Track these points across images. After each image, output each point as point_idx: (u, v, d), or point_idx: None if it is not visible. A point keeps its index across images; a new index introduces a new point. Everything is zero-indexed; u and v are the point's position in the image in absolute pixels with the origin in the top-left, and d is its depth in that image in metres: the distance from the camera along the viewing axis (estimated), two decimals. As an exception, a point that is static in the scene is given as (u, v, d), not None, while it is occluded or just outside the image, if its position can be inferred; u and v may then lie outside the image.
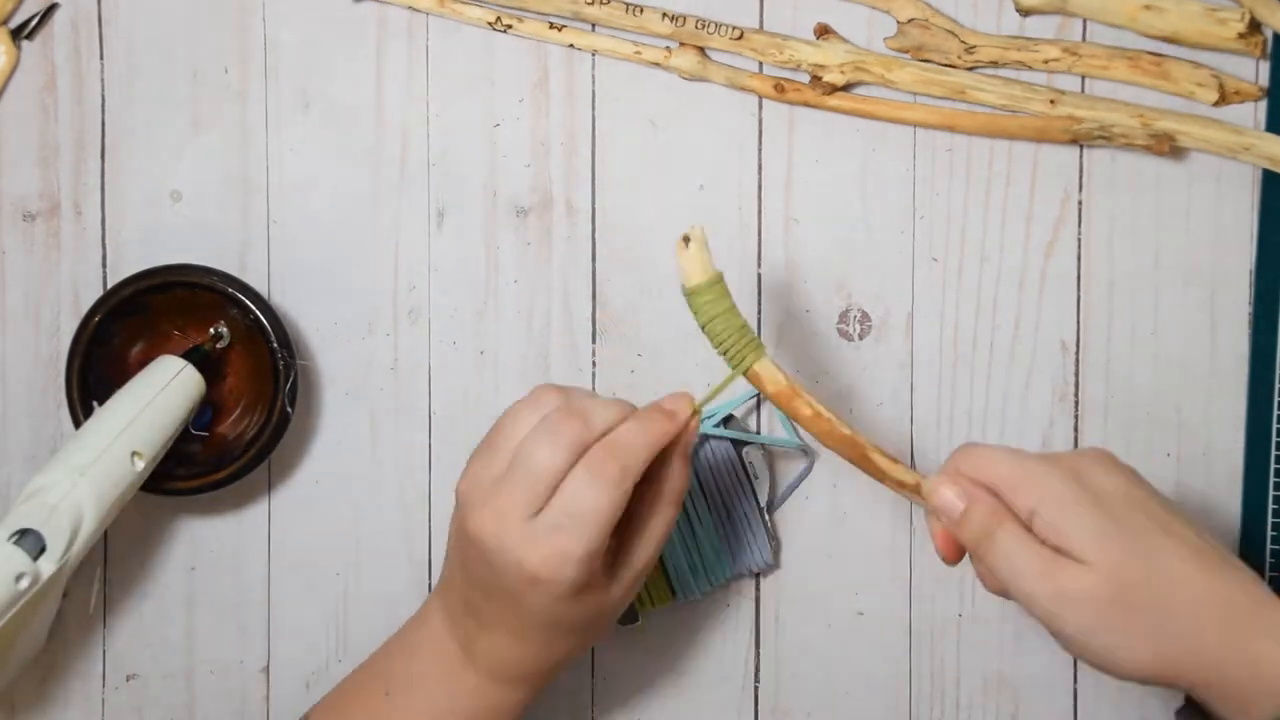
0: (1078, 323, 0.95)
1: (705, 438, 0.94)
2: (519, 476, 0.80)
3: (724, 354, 0.83)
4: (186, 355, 0.91)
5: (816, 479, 0.96)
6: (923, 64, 0.94)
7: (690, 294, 0.83)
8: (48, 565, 0.84)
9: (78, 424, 0.91)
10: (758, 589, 0.96)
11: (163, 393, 0.89)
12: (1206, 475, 0.95)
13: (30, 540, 0.84)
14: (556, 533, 0.80)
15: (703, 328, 0.83)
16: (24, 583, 0.83)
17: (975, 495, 0.79)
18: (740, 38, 0.94)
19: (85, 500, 0.85)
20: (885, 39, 0.94)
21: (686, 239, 0.82)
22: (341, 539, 0.96)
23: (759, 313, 0.95)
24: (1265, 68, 0.93)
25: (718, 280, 0.83)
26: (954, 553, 0.81)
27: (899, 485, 0.82)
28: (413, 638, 0.88)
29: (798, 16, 0.94)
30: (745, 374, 0.83)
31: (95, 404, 0.90)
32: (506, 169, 0.95)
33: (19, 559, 0.83)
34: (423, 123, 0.95)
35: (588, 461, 0.80)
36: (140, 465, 0.87)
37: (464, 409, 0.96)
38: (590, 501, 0.80)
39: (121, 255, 0.95)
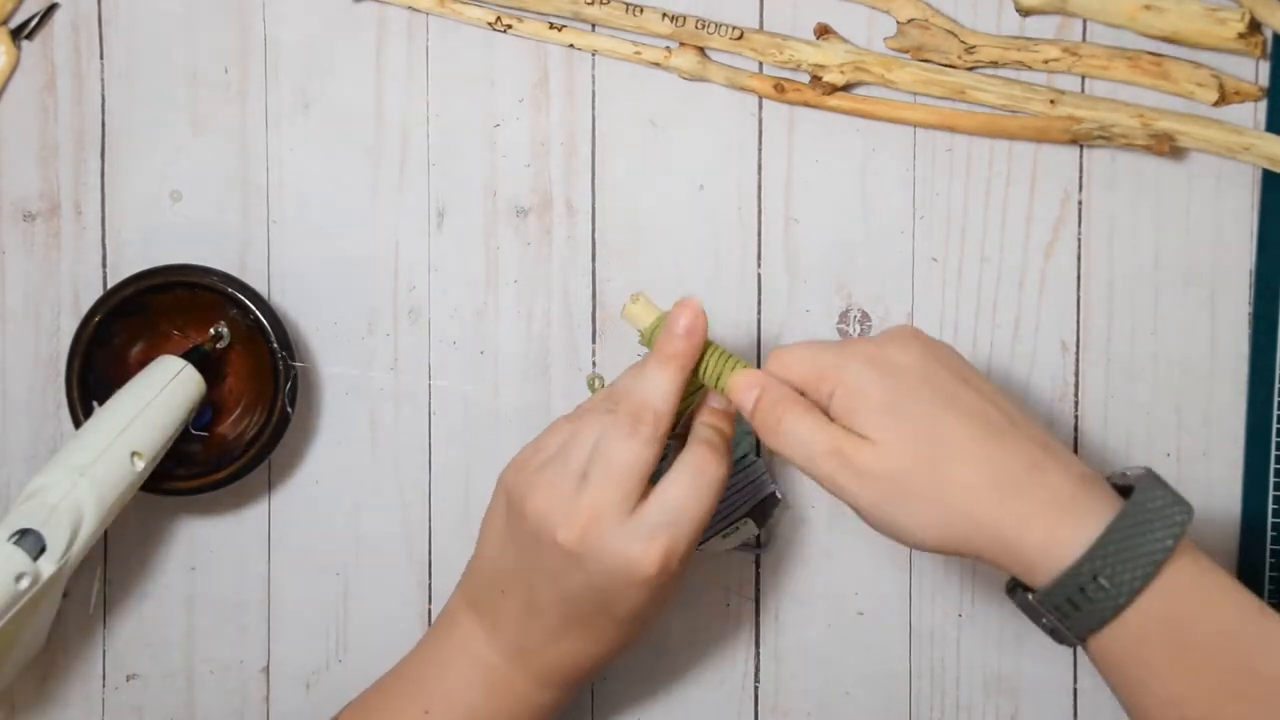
0: (1078, 323, 0.95)
1: None
2: (607, 478, 0.82)
3: (704, 379, 0.84)
4: (186, 355, 0.91)
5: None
6: (923, 64, 0.94)
7: (648, 338, 0.85)
8: (48, 565, 0.84)
9: (78, 424, 0.91)
10: (758, 589, 0.97)
11: (162, 393, 0.89)
12: (1206, 475, 0.95)
13: (30, 540, 0.84)
14: (665, 530, 0.81)
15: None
16: (24, 583, 0.83)
17: (765, 384, 0.82)
18: (740, 38, 0.94)
19: (85, 500, 0.85)
20: (885, 39, 0.94)
21: (634, 298, 0.86)
22: (341, 539, 0.96)
23: (759, 313, 0.95)
24: (1265, 68, 0.93)
25: (665, 315, 0.85)
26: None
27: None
28: (445, 649, 0.88)
29: (798, 16, 0.94)
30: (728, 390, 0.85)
31: (95, 404, 0.90)
32: (506, 169, 0.95)
33: (19, 559, 0.83)
34: (423, 123, 0.95)
35: (693, 461, 0.82)
36: (140, 465, 0.87)
37: (464, 409, 0.96)
38: (697, 500, 0.82)
39: (121, 255, 0.95)
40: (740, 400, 0.82)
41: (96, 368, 0.92)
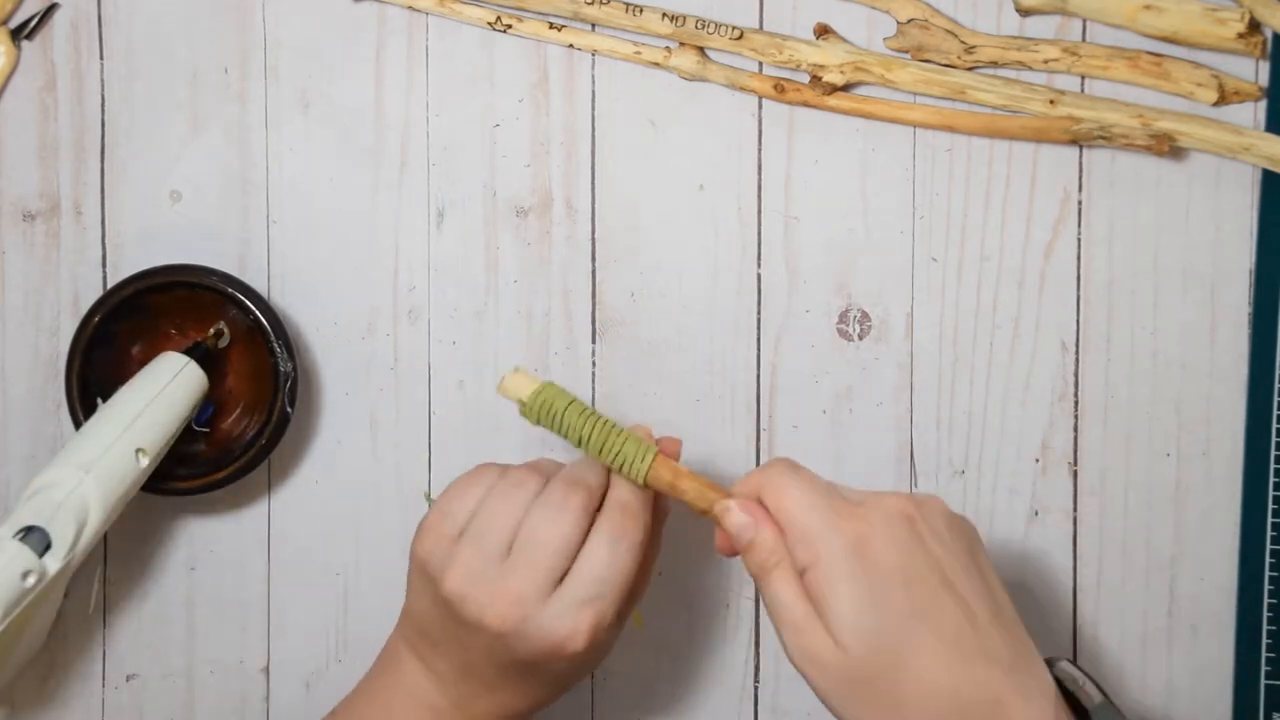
0: (1078, 323, 0.95)
1: None
2: (531, 558, 0.81)
3: (611, 463, 0.83)
4: (188, 352, 0.91)
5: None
6: (923, 64, 0.94)
7: (533, 412, 0.83)
8: (53, 562, 0.84)
9: (78, 424, 0.91)
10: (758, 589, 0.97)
11: (166, 389, 0.89)
12: (1206, 475, 0.95)
13: (36, 537, 0.84)
14: (590, 605, 0.81)
15: (561, 432, 0.83)
16: (30, 580, 0.83)
17: (761, 529, 0.79)
18: (740, 38, 0.94)
19: (90, 497, 0.85)
20: (885, 39, 0.94)
21: (515, 370, 0.84)
22: (341, 539, 0.96)
23: (759, 313, 0.95)
24: (1265, 68, 0.93)
25: (547, 385, 0.84)
26: (729, 551, 0.82)
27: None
28: (390, 688, 0.87)
29: (798, 16, 0.95)
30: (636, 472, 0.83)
31: (99, 400, 0.90)
32: (506, 169, 0.95)
33: (25, 556, 0.83)
34: (423, 123, 0.95)
35: (609, 528, 0.82)
36: (145, 462, 0.87)
37: (464, 409, 0.96)
38: (619, 567, 0.81)
39: (121, 255, 0.95)
40: (735, 532, 0.80)
41: (96, 368, 0.92)
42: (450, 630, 0.83)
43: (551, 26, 0.94)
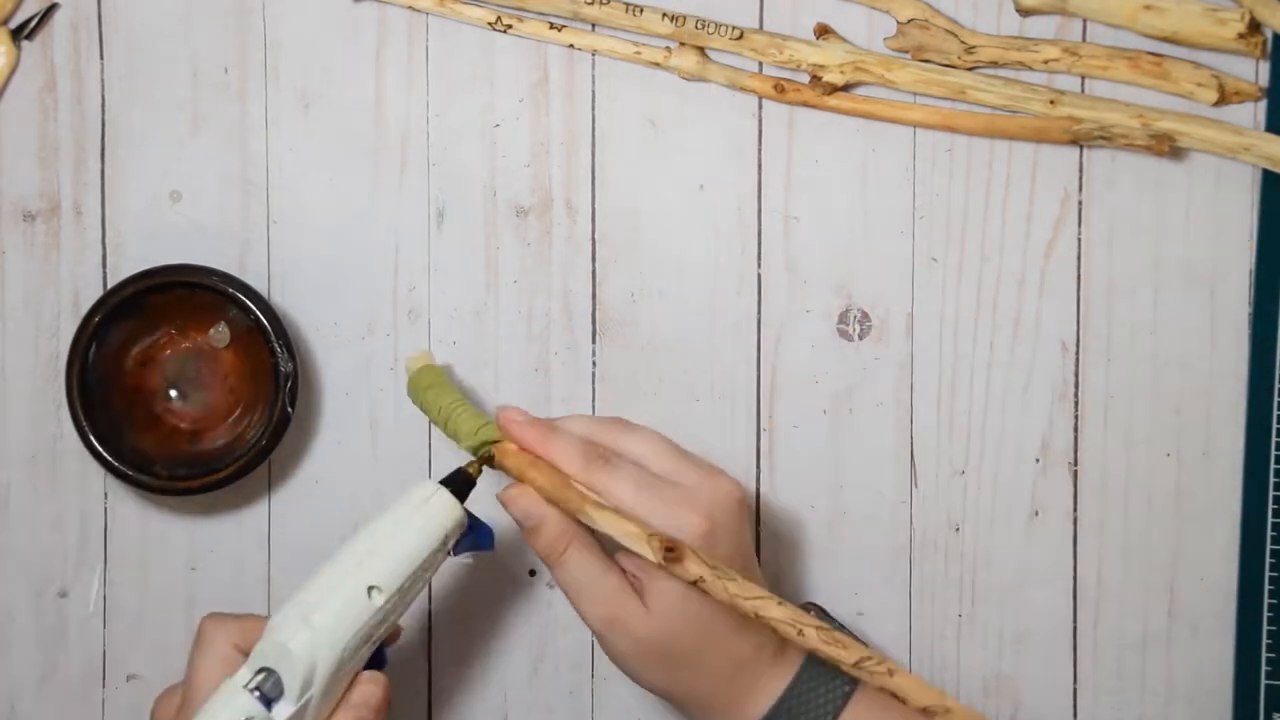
0: (1078, 323, 0.95)
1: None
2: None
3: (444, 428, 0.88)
4: (446, 479, 0.85)
5: (817, 478, 0.96)
6: (923, 64, 0.94)
7: (417, 394, 0.90)
8: (281, 713, 0.79)
9: (78, 424, 0.91)
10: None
11: (408, 519, 0.83)
12: (1206, 475, 0.95)
13: (272, 683, 0.79)
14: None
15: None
16: None
17: (548, 515, 0.84)
18: (740, 38, 0.94)
19: (315, 646, 0.79)
20: (885, 39, 0.94)
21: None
22: (341, 539, 0.96)
23: (759, 313, 0.95)
24: (1265, 68, 0.93)
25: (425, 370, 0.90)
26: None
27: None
28: None
29: (798, 16, 0.94)
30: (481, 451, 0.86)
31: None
32: (506, 169, 0.95)
33: (253, 707, 0.79)
34: (423, 123, 0.95)
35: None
36: (380, 600, 0.81)
37: (464, 409, 0.96)
38: None
39: (121, 255, 0.95)
40: (522, 517, 0.85)
41: (96, 368, 0.92)
42: None
43: (551, 26, 0.94)
